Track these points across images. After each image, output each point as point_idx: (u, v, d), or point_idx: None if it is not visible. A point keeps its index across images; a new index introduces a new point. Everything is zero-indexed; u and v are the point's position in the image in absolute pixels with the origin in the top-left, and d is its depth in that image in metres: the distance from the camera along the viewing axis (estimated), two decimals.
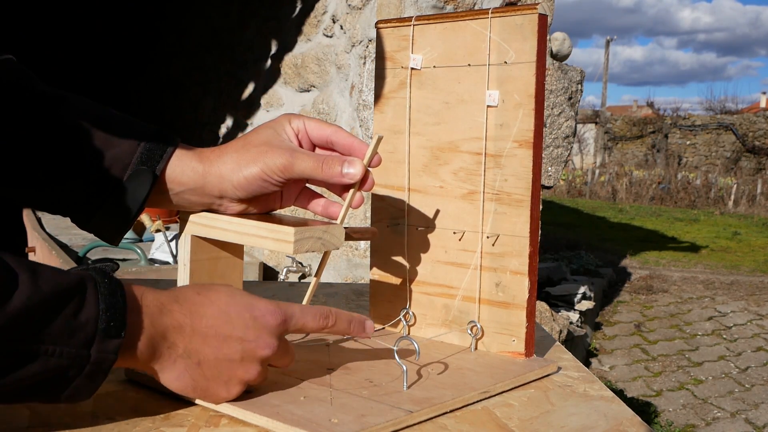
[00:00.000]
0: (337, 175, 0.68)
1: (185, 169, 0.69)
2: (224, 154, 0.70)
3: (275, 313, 0.61)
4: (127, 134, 0.69)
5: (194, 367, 0.58)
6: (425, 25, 0.80)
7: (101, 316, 0.53)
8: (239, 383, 0.60)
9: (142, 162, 0.68)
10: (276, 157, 0.68)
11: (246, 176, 0.68)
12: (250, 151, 0.69)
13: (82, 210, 0.70)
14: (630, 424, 0.64)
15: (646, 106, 24.85)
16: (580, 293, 4.71)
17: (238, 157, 0.69)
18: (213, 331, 0.58)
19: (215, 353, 0.58)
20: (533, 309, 0.76)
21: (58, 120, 0.69)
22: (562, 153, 2.68)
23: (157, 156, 0.69)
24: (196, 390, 0.59)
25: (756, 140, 17.99)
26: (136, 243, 2.73)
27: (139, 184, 0.68)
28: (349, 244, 2.47)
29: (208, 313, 0.59)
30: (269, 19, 3.32)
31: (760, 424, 3.56)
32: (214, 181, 0.69)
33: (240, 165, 0.68)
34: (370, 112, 2.40)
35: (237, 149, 0.70)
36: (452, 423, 0.61)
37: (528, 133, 0.74)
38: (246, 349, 0.59)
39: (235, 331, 0.59)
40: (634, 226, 10.47)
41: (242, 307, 0.60)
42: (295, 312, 0.62)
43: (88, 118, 0.69)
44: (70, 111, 0.69)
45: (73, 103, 0.70)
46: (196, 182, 0.69)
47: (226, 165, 0.69)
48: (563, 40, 2.68)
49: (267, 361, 0.61)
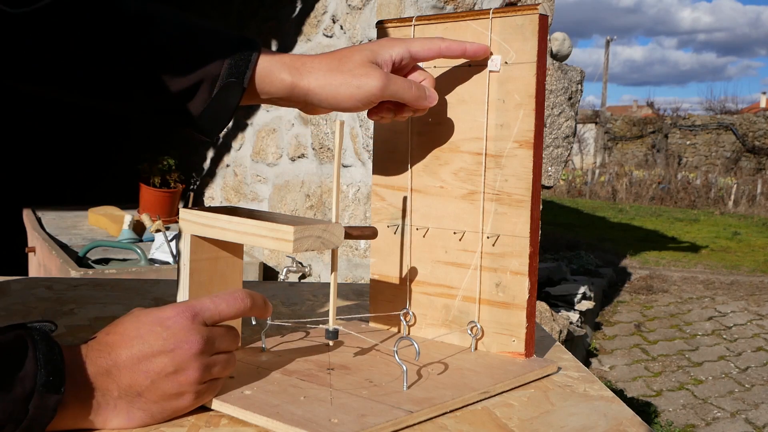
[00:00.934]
0: (424, 97, 0.74)
1: (273, 80, 0.72)
2: (315, 70, 0.72)
3: (183, 312, 0.60)
4: (214, 46, 0.72)
5: (137, 399, 0.57)
6: (426, 26, 0.80)
7: (40, 371, 0.52)
8: (191, 390, 0.59)
9: (231, 74, 0.71)
10: (370, 80, 0.71)
11: (336, 95, 0.71)
12: (343, 72, 0.71)
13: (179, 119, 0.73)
14: (630, 424, 0.64)
15: (646, 106, 24.85)
16: (580, 293, 4.71)
17: (330, 75, 0.72)
18: (135, 358, 0.57)
19: (149, 377, 0.57)
20: (533, 309, 0.76)
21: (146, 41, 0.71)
22: (562, 153, 2.68)
23: (243, 67, 0.71)
24: (154, 417, 0.58)
25: (756, 140, 17.99)
26: (136, 243, 2.73)
27: (230, 97, 0.71)
28: (349, 244, 2.47)
29: (124, 345, 0.58)
30: (269, 19, 3.32)
31: (760, 424, 3.56)
32: (301, 94, 0.72)
33: (331, 82, 0.71)
34: None
35: (331, 68, 0.72)
36: (452, 423, 0.61)
37: (528, 134, 0.74)
38: (175, 358, 0.58)
39: (154, 347, 0.57)
40: (634, 226, 10.47)
41: (151, 323, 0.59)
42: (204, 303, 0.62)
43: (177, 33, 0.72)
44: (159, 28, 0.72)
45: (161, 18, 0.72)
46: (283, 92, 0.72)
47: (317, 80, 0.71)
48: (563, 40, 2.68)
49: (206, 352, 0.60)
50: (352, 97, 0.71)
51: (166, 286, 1.09)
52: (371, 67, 0.72)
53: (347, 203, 2.51)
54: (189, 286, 0.70)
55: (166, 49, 0.71)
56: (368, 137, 2.40)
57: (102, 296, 1.01)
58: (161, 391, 0.57)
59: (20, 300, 0.96)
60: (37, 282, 1.09)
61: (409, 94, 0.73)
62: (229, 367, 0.62)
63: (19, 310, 0.92)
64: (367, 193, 2.43)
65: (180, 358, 0.58)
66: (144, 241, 2.83)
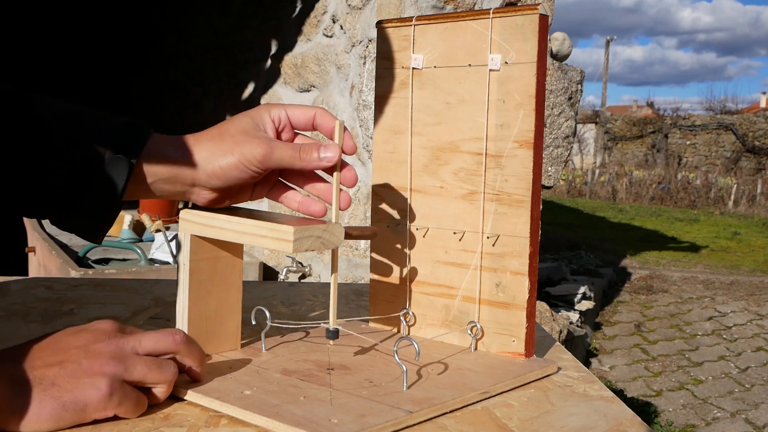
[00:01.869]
0: (315, 160, 0.69)
1: (160, 159, 0.69)
2: (199, 142, 0.69)
3: (106, 320, 0.62)
4: (100, 126, 0.69)
5: (50, 389, 0.55)
6: (426, 25, 0.80)
7: None
8: (104, 382, 0.56)
9: (119, 151, 0.68)
10: (254, 147, 0.68)
11: (222, 165, 0.68)
12: (226, 141, 0.69)
13: (61, 207, 0.69)
14: (630, 424, 0.64)
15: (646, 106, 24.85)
16: (580, 293, 4.71)
17: (213, 145, 0.69)
18: (50, 353, 0.57)
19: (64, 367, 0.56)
20: (533, 309, 0.76)
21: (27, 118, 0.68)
22: (562, 153, 2.68)
23: (132, 145, 0.68)
24: (66, 407, 0.55)
25: (756, 140, 17.99)
26: (136, 243, 2.73)
27: (117, 174, 0.68)
28: (349, 244, 2.47)
29: (43, 344, 0.58)
30: (269, 19, 3.32)
31: (760, 424, 3.56)
32: (188, 171, 0.69)
33: (215, 154, 0.68)
34: (370, 112, 2.40)
35: (212, 137, 0.69)
36: (452, 423, 0.61)
37: (528, 134, 0.74)
38: (89, 348, 0.58)
39: (71, 344, 0.58)
40: (634, 226, 10.47)
41: (73, 328, 0.60)
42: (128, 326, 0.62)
43: (58, 114, 0.69)
44: (39, 108, 0.68)
45: (40, 100, 0.69)
46: (170, 171, 0.69)
47: (200, 153, 0.69)
48: (563, 40, 2.68)
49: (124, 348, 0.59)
50: (239, 165, 0.68)
51: (166, 286, 1.09)
52: (254, 133, 0.69)
53: None
54: (189, 286, 0.70)
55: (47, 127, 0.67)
56: (368, 137, 2.40)
57: (102, 296, 1.01)
58: (75, 380, 0.56)
59: (20, 300, 0.96)
60: (37, 282, 1.09)
61: (297, 158, 0.69)
62: (155, 370, 0.59)
63: (19, 310, 0.92)
64: (367, 193, 2.43)
65: (95, 350, 0.58)
66: (144, 241, 2.83)
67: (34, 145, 0.67)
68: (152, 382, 0.59)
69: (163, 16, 4.90)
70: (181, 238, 0.71)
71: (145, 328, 0.64)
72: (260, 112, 0.72)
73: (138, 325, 0.86)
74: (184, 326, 0.71)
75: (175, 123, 4.53)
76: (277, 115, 0.72)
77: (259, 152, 0.68)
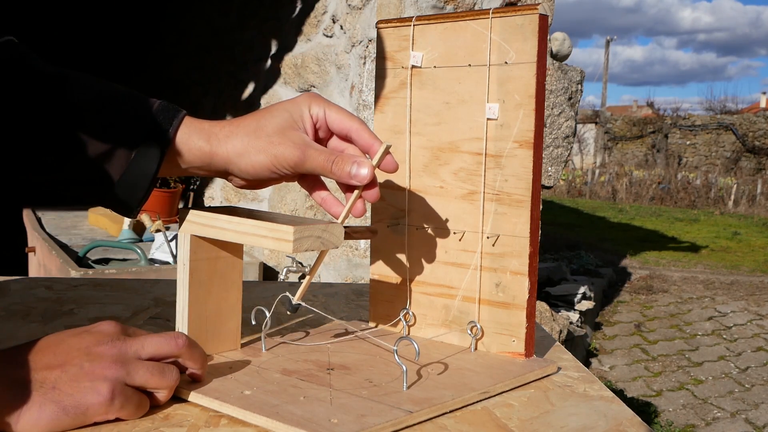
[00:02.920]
0: (346, 175, 0.68)
1: (192, 148, 0.68)
2: (233, 135, 0.69)
3: (109, 322, 0.61)
4: (133, 109, 0.69)
5: (51, 391, 0.55)
6: (426, 25, 0.80)
7: None
8: (106, 385, 0.56)
9: (150, 137, 0.67)
10: (287, 150, 0.67)
11: (254, 164, 0.68)
12: (261, 138, 0.68)
13: (95, 189, 0.69)
14: (630, 424, 0.64)
15: (646, 106, 24.85)
16: (580, 293, 4.71)
17: (248, 142, 0.68)
18: (52, 354, 0.57)
19: (65, 370, 0.56)
20: (533, 309, 0.76)
21: (62, 100, 0.67)
22: (562, 153, 2.68)
23: (163, 131, 0.68)
24: (66, 411, 0.55)
25: (756, 140, 17.99)
26: (136, 243, 2.73)
27: (149, 159, 0.67)
28: (349, 244, 2.47)
29: (44, 345, 0.58)
30: (269, 19, 3.32)
31: (760, 424, 3.56)
32: (220, 162, 0.69)
33: (249, 151, 0.68)
34: (370, 112, 2.40)
35: (248, 132, 0.69)
36: (452, 423, 0.61)
37: (528, 134, 0.74)
38: (91, 351, 0.57)
39: (73, 346, 0.58)
40: (634, 226, 10.47)
41: (75, 329, 0.60)
42: (130, 327, 0.62)
43: (93, 95, 0.68)
44: (74, 90, 0.68)
45: (76, 81, 0.69)
46: (202, 161, 0.69)
47: (234, 148, 0.68)
48: (563, 40, 2.68)
49: (127, 352, 0.59)
50: (270, 166, 0.68)
51: (166, 286, 1.09)
52: (290, 134, 0.68)
53: None
54: (189, 286, 0.70)
55: (82, 110, 0.67)
56: None
57: (102, 296, 1.01)
58: (76, 384, 0.56)
59: (20, 300, 0.96)
60: (37, 282, 1.09)
61: (328, 172, 0.68)
62: (157, 375, 0.59)
63: (19, 310, 0.92)
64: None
65: (97, 353, 0.57)
66: (144, 241, 2.83)
67: (67, 129, 0.67)
68: (154, 387, 0.59)
69: (163, 16, 4.90)
70: (181, 238, 0.71)
71: (145, 329, 0.64)
72: (300, 107, 0.70)
73: (138, 325, 0.86)
74: (184, 326, 0.71)
75: None
76: (317, 113, 0.71)
77: (292, 157, 0.67)
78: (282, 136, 0.68)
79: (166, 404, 0.61)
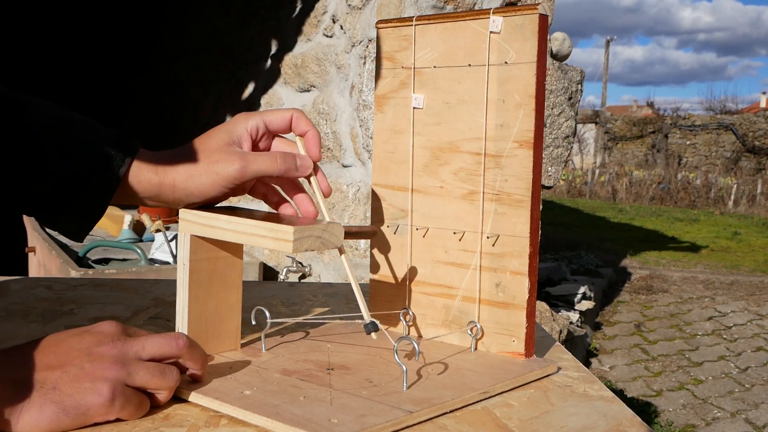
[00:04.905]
0: (293, 166, 0.71)
1: (141, 180, 0.70)
2: (177, 163, 0.70)
3: (110, 322, 0.61)
4: (89, 138, 0.69)
5: (52, 392, 0.55)
6: (426, 25, 0.80)
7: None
8: (106, 387, 0.56)
9: (105, 166, 0.68)
10: (227, 165, 0.69)
11: (198, 186, 0.70)
12: (201, 161, 0.70)
13: (46, 211, 0.71)
14: (630, 424, 0.63)
15: (646, 106, 24.85)
16: (580, 293, 4.71)
17: (189, 166, 0.70)
18: (52, 354, 0.57)
19: (65, 371, 0.56)
20: (533, 309, 0.76)
21: (17, 124, 0.68)
22: (562, 153, 2.68)
23: (119, 161, 0.69)
24: (67, 412, 0.55)
25: (756, 140, 17.99)
26: (136, 243, 2.73)
27: (103, 189, 0.69)
28: (349, 244, 2.47)
29: (45, 345, 0.58)
30: (269, 19, 3.32)
31: (760, 424, 3.56)
32: (168, 191, 0.70)
33: (192, 175, 0.70)
34: (370, 112, 2.40)
35: (189, 157, 0.70)
36: (452, 423, 0.61)
37: (528, 134, 0.74)
38: (92, 352, 0.57)
39: (74, 346, 0.58)
40: (634, 226, 10.47)
41: (76, 329, 0.60)
42: (131, 327, 0.62)
43: (49, 121, 0.69)
44: (30, 114, 0.69)
45: (32, 106, 0.69)
46: (151, 192, 0.71)
47: (178, 174, 0.70)
48: (563, 40, 2.68)
49: (128, 351, 0.59)
50: (215, 184, 0.69)
51: (166, 286, 1.09)
52: (228, 150, 0.70)
53: (347, 203, 2.51)
54: (189, 286, 0.70)
55: (38, 134, 0.68)
56: (368, 137, 2.40)
57: (102, 296, 1.01)
58: (77, 385, 0.56)
59: (20, 300, 0.96)
60: (37, 282, 1.09)
61: (275, 168, 0.70)
62: (158, 376, 0.59)
63: (19, 310, 0.92)
64: (367, 193, 2.43)
65: (98, 354, 0.57)
66: (144, 241, 2.83)
67: (22, 153, 0.67)
68: (154, 388, 0.59)
69: (163, 16, 4.90)
70: (181, 238, 0.71)
71: (145, 329, 0.64)
72: (236, 125, 0.72)
73: (138, 326, 0.86)
74: (184, 326, 0.71)
75: (175, 123, 4.53)
76: (254, 125, 0.72)
77: (233, 170, 0.69)
78: (221, 152, 0.70)
79: (166, 404, 0.61)
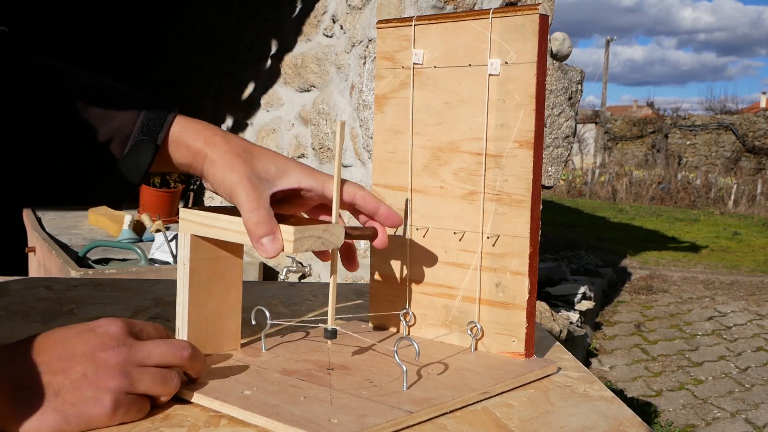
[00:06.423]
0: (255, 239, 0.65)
1: (180, 146, 0.70)
2: (220, 146, 0.69)
3: (115, 321, 0.60)
4: (126, 105, 0.69)
5: (54, 399, 0.55)
6: (426, 25, 0.80)
7: None
8: (109, 397, 0.56)
9: (143, 133, 0.69)
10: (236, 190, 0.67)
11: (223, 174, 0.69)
12: (237, 164, 0.68)
13: (86, 180, 0.71)
14: (630, 424, 0.63)
15: (646, 106, 24.85)
16: (580, 293, 4.71)
17: (229, 158, 0.69)
18: (58, 356, 0.56)
19: (68, 376, 0.55)
20: (533, 309, 0.76)
21: (55, 93, 0.68)
22: (562, 153, 2.68)
23: (156, 126, 0.69)
24: (68, 422, 0.55)
25: (756, 140, 17.99)
26: (136, 243, 2.73)
27: (142, 153, 0.69)
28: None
29: (48, 344, 0.57)
30: (269, 19, 3.32)
31: (760, 424, 3.56)
32: (199, 163, 0.70)
33: (224, 170, 0.68)
34: (370, 112, 2.40)
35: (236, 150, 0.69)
36: (452, 423, 0.61)
37: (528, 134, 0.74)
38: (96, 360, 0.56)
39: (77, 348, 0.57)
40: (634, 226, 10.47)
41: (79, 327, 0.59)
42: (136, 323, 0.61)
43: (87, 89, 0.69)
44: (68, 83, 0.69)
45: (70, 75, 0.70)
46: (187, 159, 0.71)
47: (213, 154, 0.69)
48: (563, 40, 2.68)
49: (131, 361, 0.58)
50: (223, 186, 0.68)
51: (166, 286, 1.09)
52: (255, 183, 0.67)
53: None
54: (189, 286, 0.70)
55: (76, 103, 0.68)
56: (368, 137, 2.40)
57: (102, 296, 1.01)
58: (79, 393, 0.55)
59: (20, 300, 0.96)
60: (37, 282, 1.09)
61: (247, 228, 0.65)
62: (160, 384, 0.59)
63: (19, 310, 0.92)
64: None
65: (102, 361, 0.56)
66: (144, 241, 2.83)
67: (61, 122, 0.68)
68: (156, 394, 0.60)
69: (163, 16, 4.90)
70: (181, 238, 0.71)
71: None
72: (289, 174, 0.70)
73: None
74: (183, 326, 0.71)
75: None
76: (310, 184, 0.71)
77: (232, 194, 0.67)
78: (249, 178, 0.67)
79: (166, 404, 0.61)
